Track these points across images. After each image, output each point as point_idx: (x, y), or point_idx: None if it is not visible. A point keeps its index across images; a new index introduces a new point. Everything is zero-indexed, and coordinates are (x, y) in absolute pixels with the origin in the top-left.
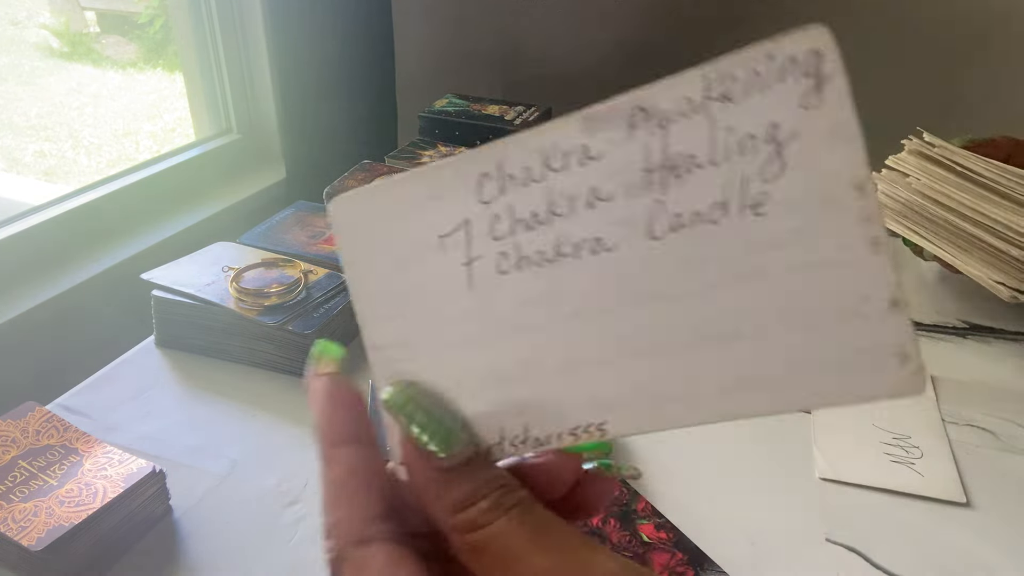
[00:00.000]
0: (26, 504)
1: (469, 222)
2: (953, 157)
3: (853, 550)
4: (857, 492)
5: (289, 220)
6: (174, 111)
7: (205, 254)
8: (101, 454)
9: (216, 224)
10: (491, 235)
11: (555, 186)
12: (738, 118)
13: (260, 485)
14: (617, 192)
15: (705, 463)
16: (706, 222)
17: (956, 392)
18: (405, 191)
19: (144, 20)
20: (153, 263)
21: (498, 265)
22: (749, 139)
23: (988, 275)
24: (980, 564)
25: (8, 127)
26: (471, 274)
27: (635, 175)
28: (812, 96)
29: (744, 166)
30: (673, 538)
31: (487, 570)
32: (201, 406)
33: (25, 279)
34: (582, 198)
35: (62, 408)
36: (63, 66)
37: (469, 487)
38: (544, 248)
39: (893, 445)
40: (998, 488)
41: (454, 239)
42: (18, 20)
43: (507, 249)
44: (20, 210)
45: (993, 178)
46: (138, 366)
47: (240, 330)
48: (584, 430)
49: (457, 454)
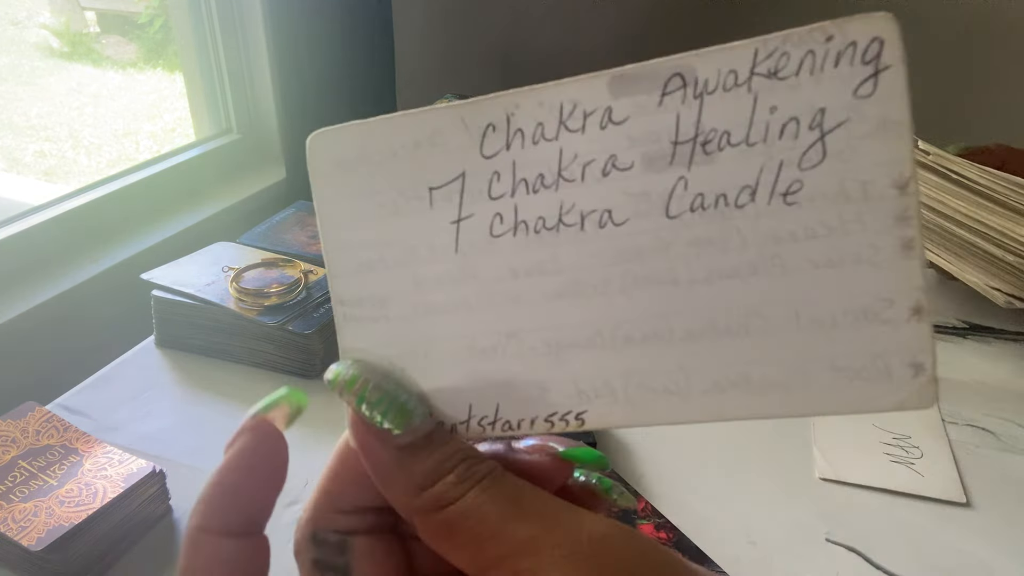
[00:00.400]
0: (26, 504)
1: (465, 176)
2: (948, 165)
3: (853, 550)
4: (857, 492)
5: (289, 220)
6: (174, 111)
7: (205, 254)
8: (101, 454)
9: (216, 224)
10: (488, 193)
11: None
12: (784, 98)
13: None
14: (638, 162)
15: (705, 463)
16: (730, 206)
17: (956, 392)
18: (397, 132)
19: (144, 20)
20: (153, 263)
21: (491, 227)
22: (792, 122)
23: (984, 281)
24: (980, 564)
25: (8, 127)
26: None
27: (661, 146)
28: (868, 85)
29: (782, 150)
30: (673, 538)
31: (460, 550)
32: (201, 406)
33: (25, 279)
34: (597, 165)
35: (62, 408)
36: (63, 66)
37: (432, 462)
38: (546, 215)
39: (893, 445)
40: (998, 488)
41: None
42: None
43: (504, 211)
44: (20, 210)
45: (988, 185)
46: (138, 366)
47: (240, 330)
48: (561, 418)
49: (416, 428)
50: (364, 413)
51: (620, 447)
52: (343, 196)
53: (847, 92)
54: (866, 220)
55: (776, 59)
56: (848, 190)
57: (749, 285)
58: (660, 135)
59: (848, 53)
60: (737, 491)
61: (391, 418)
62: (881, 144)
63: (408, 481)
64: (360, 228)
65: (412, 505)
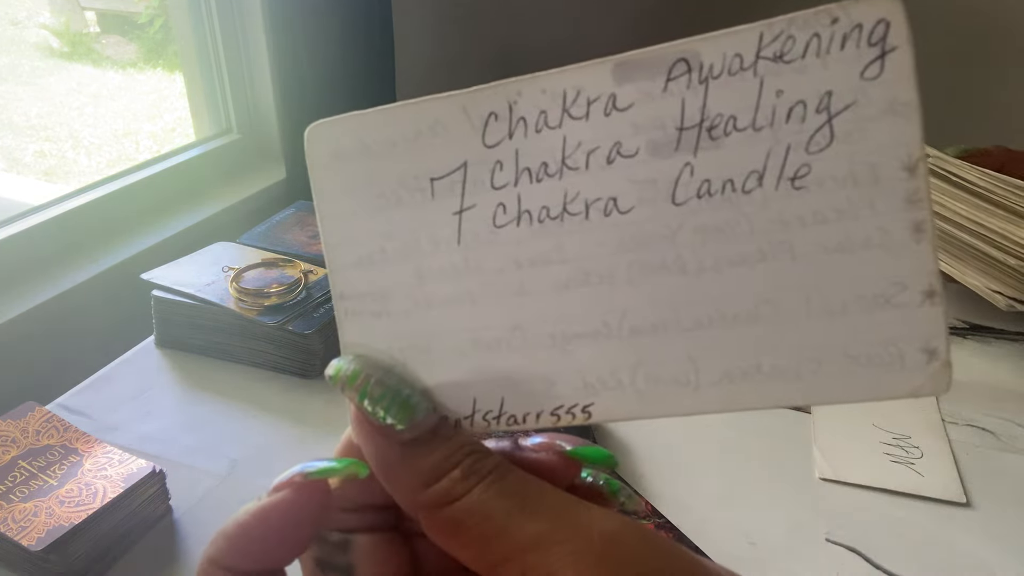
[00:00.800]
0: (26, 504)
1: (467, 165)
2: (947, 167)
3: (853, 550)
4: (857, 492)
5: (289, 220)
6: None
7: (205, 254)
8: (101, 454)
9: (216, 224)
10: (491, 183)
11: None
12: (790, 82)
13: (260, 485)
14: (643, 149)
15: (705, 463)
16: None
17: (956, 392)
18: (397, 123)
19: (144, 20)
20: (153, 263)
21: (494, 218)
22: (799, 105)
23: (985, 284)
24: (980, 564)
25: (8, 127)
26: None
27: (666, 133)
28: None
29: (789, 134)
30: (673, 538)
31: (467, 547)
32: (201, 406)
33: (25, 279)
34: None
35: (62, 408)
36: (63, 66)
37: (437, 457)
38: (550, 204)
39: (893, 445)
40: (998, 488)
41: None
42: (18, 20)
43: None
44: (20, 210)
45: (987, 188)
46: (138, 366)
47: (240, 330)
48: (568, 411)
49: (419, 423)
50: (367, 409)
51: (620, 447)
52: (342, 189)
53: (854, 74)
54: (876, 203)
55: (782, 42)
56: (857, 173)
57: (758, 272)
58: (665, 121)
59: (854, 35)
60: (737, 491)
61: (394, 414)
62: (889, 126)
63: (412, 477)
64: (360, 221)
65: (417, 501)
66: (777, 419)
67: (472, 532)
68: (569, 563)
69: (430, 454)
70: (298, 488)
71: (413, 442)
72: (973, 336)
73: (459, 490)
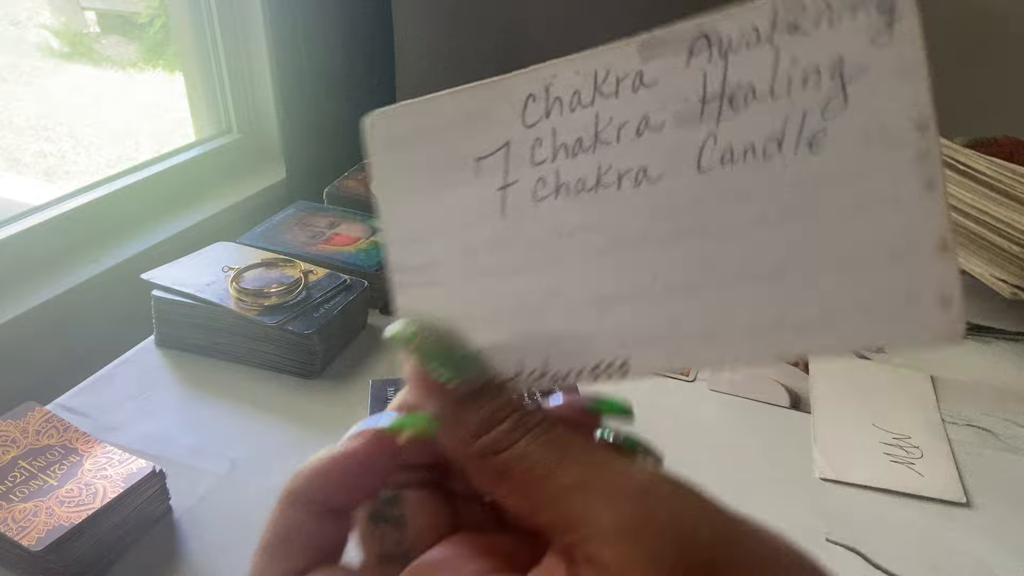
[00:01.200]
0: (26, 504)
1: (509, 145)
2: (956, 156)
3: (853, 550)
4: (857, 492)
5: (289, 220)
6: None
7: (205, 254)
8: (101, 454)
9: (216, 224)
10: (531, 160)
11: (604, 112)
12: (804, 50)
13: (260, 485)
14: (669, 121)
15: (705, 463)
16: (758, 156)
17: (956, 392)
18: (446, 109)
19: (144, 20)
20: (153, 263)
21: (535, 192)
22: (814, 72)
23: (989, 272)
24: (980, 564)
25: (8, 127)
26: (505, 199)
27: (690, 105)
28: (883, 32)
29: (805, 100)
30: None
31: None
32: (201, 406)
33: (25, 279)
34: (631, 126)
35: (62, 408)
36: (63, 66)
37: (487, 410)
38: (585, 176)
39: (893, 445)
40: (998, 488)
41: (492, 161)
42: (18, 20)
43: (546, 175)
44: (20, 210)
45: (995, 177)
46: (138, 366)
47: (240, 330)
48: (606, 367)
49: (471, 379)
50: (424, 366)
51: None
52: (398, 171)
53: (864, 40)
54: (889, 162)
55: (795, 13)
56: (870, 134)
57: (780, 232)
58: (689, 94)
59: (864, 3)
60: (737, 491)
61: (448, 371)
62: (900, 88)
63: (464, 429)
64: (414, 199)
65: (468, 451)
66: (777, 419)
67: (518, 478)
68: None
69: (480, 408)
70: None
71: (464, 397)
72: (973, 336)
73: (507, 441)
